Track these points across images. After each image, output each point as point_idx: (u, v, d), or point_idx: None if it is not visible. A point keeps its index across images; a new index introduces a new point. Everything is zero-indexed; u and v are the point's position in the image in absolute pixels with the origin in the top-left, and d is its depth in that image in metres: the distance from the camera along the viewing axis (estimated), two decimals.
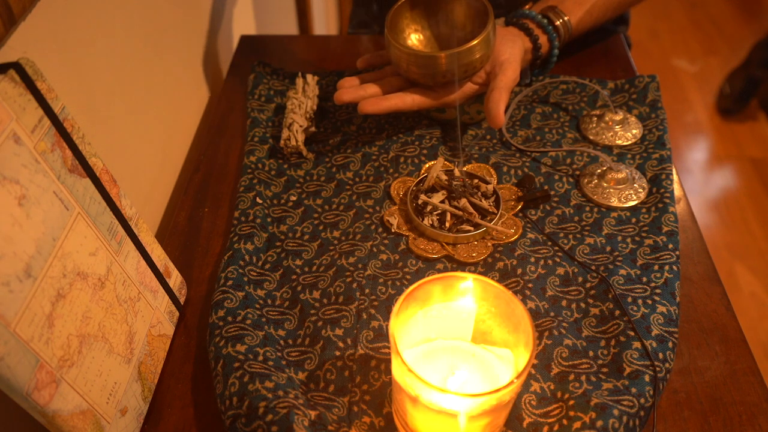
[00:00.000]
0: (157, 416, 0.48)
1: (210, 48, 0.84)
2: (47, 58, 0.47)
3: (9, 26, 0.42)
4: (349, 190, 0.63)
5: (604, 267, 0.54)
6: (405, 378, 0.37)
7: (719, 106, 2.12)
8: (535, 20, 0.69)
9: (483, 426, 0.39)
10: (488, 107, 0.61)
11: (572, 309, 0.52)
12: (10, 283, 0.33)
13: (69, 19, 0.50)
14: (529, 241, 0.57)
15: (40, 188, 0.36)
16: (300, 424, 0.42)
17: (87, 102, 0.53)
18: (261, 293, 0.54)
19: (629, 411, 0.44)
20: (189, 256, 0.59)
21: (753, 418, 0.46)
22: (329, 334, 0.50)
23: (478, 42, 0.60)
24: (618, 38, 0.82)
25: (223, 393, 0.46)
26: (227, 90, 0.78)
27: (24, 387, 0.33)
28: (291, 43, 0.88)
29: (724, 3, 2.60)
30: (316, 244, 0.58)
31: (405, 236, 0.58)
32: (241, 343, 0.48)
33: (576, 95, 0.73)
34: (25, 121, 0.35)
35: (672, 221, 0.57)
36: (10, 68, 0.35)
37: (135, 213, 0.47)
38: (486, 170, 0.64)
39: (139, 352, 0.46)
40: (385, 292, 0.53)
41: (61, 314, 0.37)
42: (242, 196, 0.61)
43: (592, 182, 0.62)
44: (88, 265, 0.40)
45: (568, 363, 0.48)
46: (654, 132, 0.67)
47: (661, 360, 0.47)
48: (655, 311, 0.50)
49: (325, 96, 0.74)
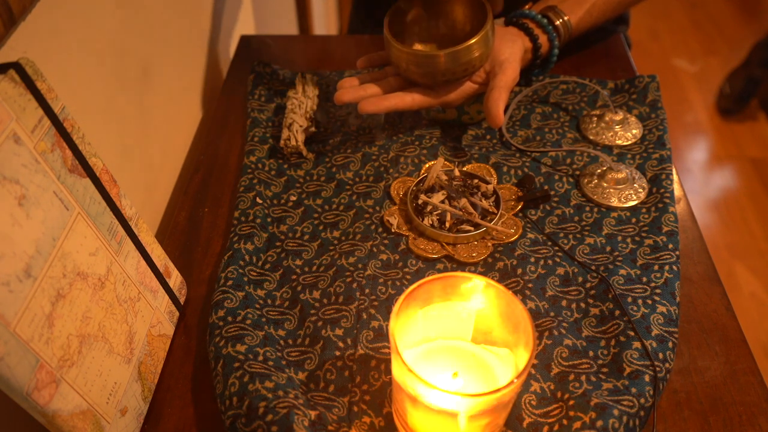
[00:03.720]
0: (157, 416, 0.48)
1: (210, 48, 0.84)
2: (47, 58, 0.47)
3: (9, 26, 0.42)
4: (349, 190, 0.63)
5: (604, 267, 0.54)
6: (405, 378, 0.37)
7: (719, 106, 2.12)
8: (535, 20, 0.69)
9: (483, 426, 0.39)
10: (488, 107, 0.61)
11: (572, 309, 0.52)
12: (10, 283, 0.33)
13: (69, 19, 0.50)
14: (529, 241, 0.57)
15: (40, 188, 0.36)
16: (300, 424, 0.42)
17: (87, 102, 0.53)
18: (261, 293, 0.54)
19: (629, 411, 0.44)
20: (189, 256, 0.59)
21: (753, 418, 0.46)
22: (329, 334, 0.50)
23: (477, 40, 0.60)
24: (618, 38, 0.82)
25: (223, 393, 0.46)
26: (227, 90, 0.78)
27: (24, 387, 0.33)
28: (291, 43, 0.88)
29: (724, 3, 2.60)
30: (316, 244, 0.58)
31: (405, 236, 0.58)
32: (241, 343, 0.48)
33: (576, 95, 0.73)
34: (25, 121, 0.35)
35: (672, 221, 0.57)
36: (10, 68, 0.35)
37: (135, 213, 0.47)
38: (486, 170, 0.64)
39: (139, 352, 0.46)
40: (385, 292, 0.53)
41: (61, 314, 0.37)
42: (242, 196, 0.61)
43: (592, 182, 0.62)
44: (88, 265, 0.40)
45: (568, 363, 0.48)
46: (654, 132, 0.67)
47: (661, 360, 0.47)
48: (655, 311, 0.50)
49: (325, 96, 0.74)
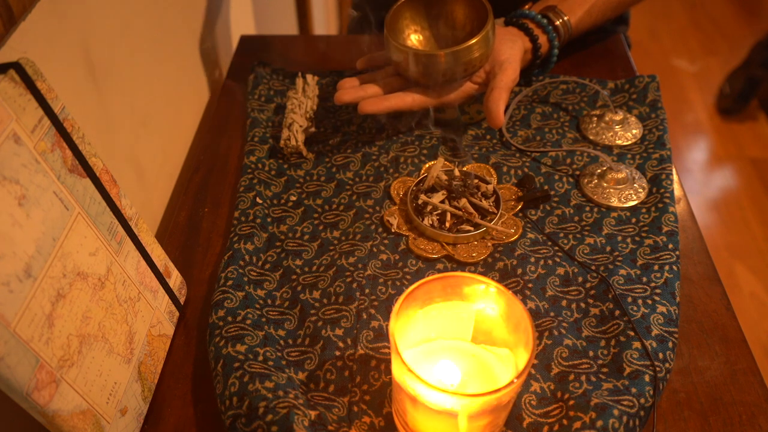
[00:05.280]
0: (157, 416, 0.48)
1: (210, 48, 0.84)
2: (47, 58, 0.47)
3: (9, 26, 0.42)
4: (349, 190, 0.63)
5: (604, 267, 0.54)
6: (405, 378, 0.37)
7: (719, 106, 2.12)
8: (535, 20, 0.69)
9: (483, 426, 0.39)
10: (488, 107, 0.61)
11: (572, 309, 0.52)
12: (10, 283, 0.33)
13: (69, 19, 0.50)
14: (529, 241, 0.57)
15: (40, 188, 0.36)
16: (300, 424, 0.42)
17: (87, 102, 0.53)
18: (261, 293, 0.54)
19: (629, 411, 0.44)
20: (189, 256, 0.59)
21: (753, 418, 0.46)
22: (329, 334, 0.50)
23: (477, 40, 0.60)
24: (618, 38, 0.82)
25: (223, 393, 0.46)
26: (227, 90, 0.78)
27: (24, 387, 0.33)
28: (291, 43, 0.88)
29: (724, 3, 2.60)
30: (316, 244, 0.58)
31: (405, 236, 0.58)
32: (241, 343, 0.48)
33: (576, 95, 0.73)
34: (25, 121, 0.35)
35: (672, 221, 0.57)
36: (10, 68, 0.35)
37: (135, 213, 0.47)
38: (486, 170, 0.64)
39: (139, 352, 0.46)
40: (385, 292, 0.53)
41: (61, 314, 0.37)
42: (242, 196, 0.61)
43: (592, 182, 0.62)
44: (88, 265, 0.40)
45: (568, 363, 0.48)
46: (654, 132, 0.67)
47: (661, 360, 0.47)
48: (655, 311, 0.50)
49: (325, 96, 0.74)
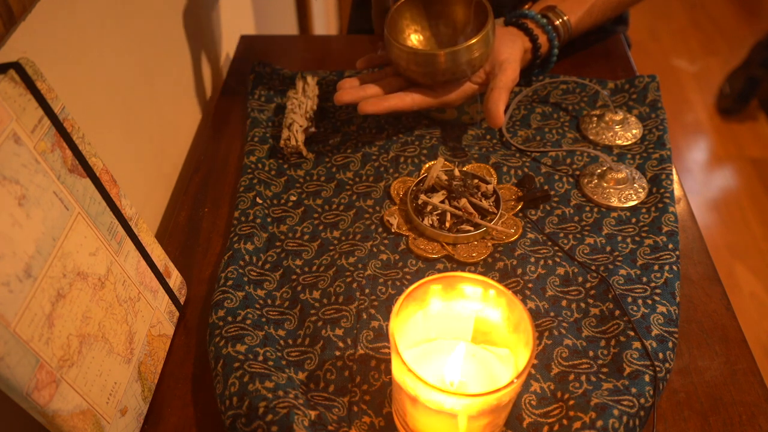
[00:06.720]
0: (157, 416, 0.48)
1: (210, 48, 0.84)
2: (47, 58, 0.47)
3: (9, 26, 0.42)
4: (349, 190, 0.63)
5: (604, 267, 0.54)
6: (405, 378, 0.37)
7: (719, 106, 2.12)
8: (535, 20, 0.69)
9: (483, 426, 0.39)
10: (488, 107, 0.61)
11: (572, 309, 0.52)
12: (10, 283, 0.33)
13: (69, 19, 0.50)
14: (529, 241, 0.57)
15: (40, 188, 0.36)
16: (300, 424, 0.42)
17: (87, 102, 0.53)
18: (261, 293, 0.54)
19: (629, 411, 0.44)
20: (189, 256, 0.59)
21: (753, 418, 0.46)
22: (329, 334, 0.50)
23: (477, 40, 0.60)
24: (618, 38, 0.82)
25: (223, 393, 0.46)
26: (227, 90, 0.78)
27: (24, 387, 0.33)
28: (291, 43, 0.88)
29: (724, 3, 2.60)
30: (316, 244, 0.58)
31: (405, 236, 0.58)
32: (241, 343, 0.48)
33: (576, 95, 0.73)
34: (25, 121, 0.35)
35: (672, 221, 0.57)
36: (10, 68, 0.35)
37: (135, 213, 0.47)
38: (486, 170, 0.64)
39: (139, 352, 0.46)
40: (385, 292, 0.53)
41: (61, 314, 0.37)
42: (242, 196, 0.61)
43: (592, 182, 0.62)
44: (88, 265, 0.40)
45: (568, 363, 0.48)
46: (654, 132, 0.67)
47: (661, 360, 0.47)
48: (655, 311, 0.50)
49: (325, 96, 0.74)
